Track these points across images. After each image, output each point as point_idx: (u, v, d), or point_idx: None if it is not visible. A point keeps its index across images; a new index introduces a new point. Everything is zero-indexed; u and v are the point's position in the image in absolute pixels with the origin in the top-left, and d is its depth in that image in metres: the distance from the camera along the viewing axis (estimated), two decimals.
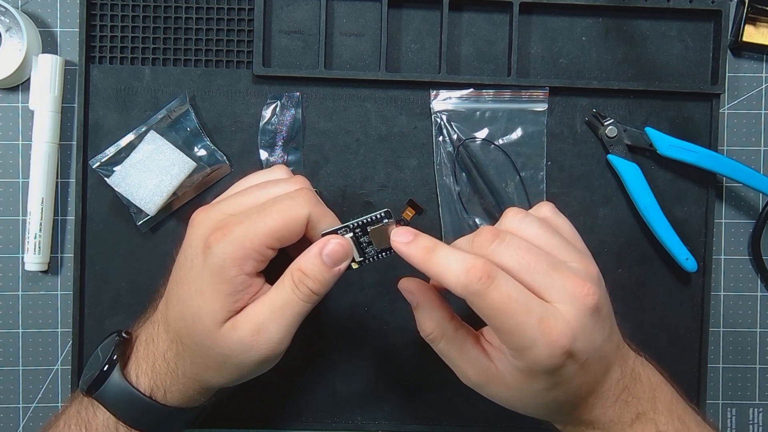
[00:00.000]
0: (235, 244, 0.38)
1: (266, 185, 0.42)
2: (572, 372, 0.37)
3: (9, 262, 0.53)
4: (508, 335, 0.36)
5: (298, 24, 0.53)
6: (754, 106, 0.56)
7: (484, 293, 0.35)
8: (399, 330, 0.53)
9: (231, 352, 0.39)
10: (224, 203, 0.41)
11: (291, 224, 0.39)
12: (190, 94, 0.52)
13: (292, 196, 0.40)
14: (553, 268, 0.37)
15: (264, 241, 0.38)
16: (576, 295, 0.37)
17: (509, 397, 0.40)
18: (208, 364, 0.40)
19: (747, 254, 0.56)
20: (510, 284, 0.36)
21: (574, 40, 0.54)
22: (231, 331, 0.39)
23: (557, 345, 0.36)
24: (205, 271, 0.38)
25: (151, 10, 0.52)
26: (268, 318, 0.39)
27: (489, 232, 0.38)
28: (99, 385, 0.41)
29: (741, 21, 0.54)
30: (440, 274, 0.37)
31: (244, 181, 0.44)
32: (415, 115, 0.53)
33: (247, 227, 0.38)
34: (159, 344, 0.42)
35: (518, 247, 0.37)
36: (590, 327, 0.37)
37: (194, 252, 0.39)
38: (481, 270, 0.35)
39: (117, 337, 0.43)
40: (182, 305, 0.40)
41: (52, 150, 0.52)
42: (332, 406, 0.53)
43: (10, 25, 0.52)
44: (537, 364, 0.37)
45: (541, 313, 0.36)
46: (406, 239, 0.38)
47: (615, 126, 0.53)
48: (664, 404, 0.41)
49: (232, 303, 0.39)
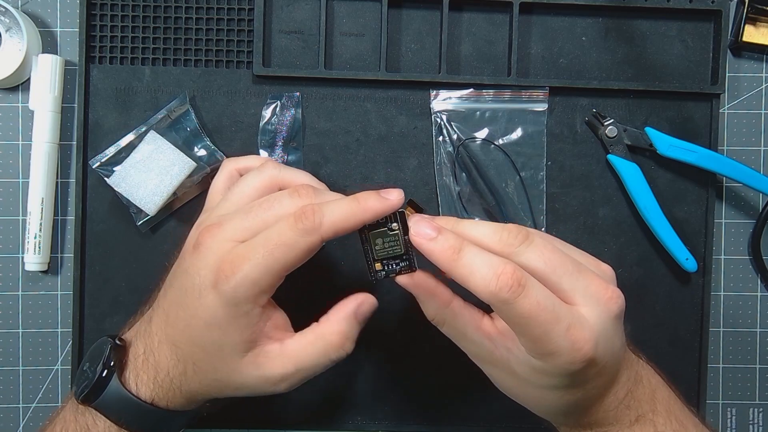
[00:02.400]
0: (247, 283, 0.37)
1: (272, 204, 0.39)
2: (589, 376, 0.37)
3: (9, 262, 0.53)
4: (534, 343, 0.36)
5: (298, 24, 0.53)
6: (754, 106, 0.56)
7: (514, 302, 0.34)
8: (399, 330, 0.53)
9: (248, 383, 0.40)
10: (228, 227, 0.39)
11: (301, 255, 0.37)
12: (190, 94, 0.52)
13: (296, 224, 0.37)
14: (578, 271, 0.37)
15: (274, 277, 0.37)
16: (600, 299, 0.37)
17: (511, 385, 0.40)
18: (220, 387, 0.41)
19: (747, 254, 0.56)
20: (539, 291, 0.35)
21: (574, 40, 0.54)
22: (253, 368, 0.39)
23: (581, 353, 0.35)
24: (218, 306, 0.38)
25: (151, 10, 0.52)
26: (291, 374, 0.39)
27: (518, 230, 0.37)
28: (97, 393, 0.40)
29: (741, 21, 0.54)
30: (467, 278, 0.35)
31: (238, 188, 0.42)
32: (415, 115, 0.53)
33: (256, 265, 0.37)
34: (161, 360, 0.41)
35: (545, 248, 0.37)
36: (611, 332, 0.37)
37: (202, 282, 0.38)
38: (511, 277, 0.34)
39: (111, 343, 0.42)
40: (195, 334, 0.39)
41: (52, 150, 0.52)
42: (332, 406, 0.53)
43: (10, 25, 0.52)
44: (556, 368, 0.36)
45: (569, 321, 0.35)
46: (430, 235, 0.37)
47: (615, 126, 0.53)
48: (662, 405, 0.41)
49: (250, 334, 0.39)
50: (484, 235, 0.37)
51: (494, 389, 0.42)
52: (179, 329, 0.40)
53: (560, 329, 0.35)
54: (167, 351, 0.41)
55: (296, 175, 0.43)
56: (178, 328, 0.40)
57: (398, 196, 0.38)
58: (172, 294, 0.41)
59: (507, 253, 0.36)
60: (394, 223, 0.38)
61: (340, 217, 0.37)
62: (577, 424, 0.41)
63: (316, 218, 0.37)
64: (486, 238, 0.37)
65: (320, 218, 0.37)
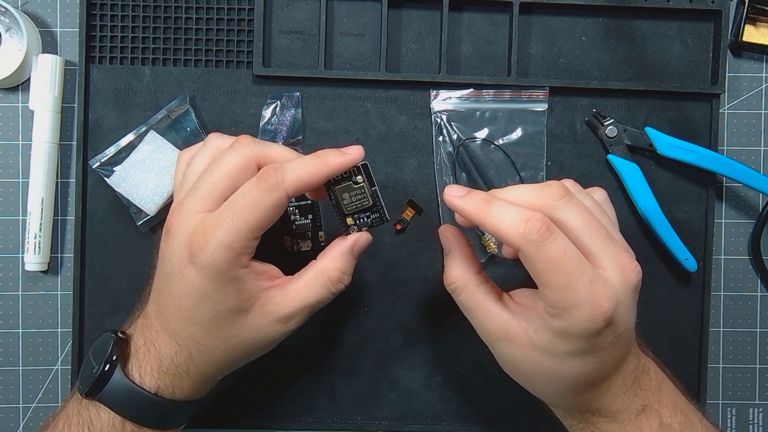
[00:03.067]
0: (221, 248, 0.37)
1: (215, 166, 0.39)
2: (606, 342, 0.38)
3: (9, 262, 0.53)
4: (557, 292, 0.36)
5: (298, 24, 0.53)
6: (754, 106, 0.56)
7: (542, 244, 0.35)
8: (399, 330, 0.53)
9: (259, 334, 0.41)
10: (189, 201, 0.39)
11: (270, 212, 0.38)
12: (190, 94, 0.52)
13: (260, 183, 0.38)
14: (610, 239, 0.38)
15: (248, 238, 0.38)
16: (624, 268, 0.38)
17: (523, 362, 0.40)
18: (234, 355, 0.41)
19: (747, 254, 0.56)
20: (566, 241, 0.36)
21: (574, 40, 0.54)
22: (261, 318, 0.40)
23: (602, 309, 0.36)
24: (202, 279, 0.38)
25: (151, 10, 0.52)
26: (299, 310, 0.41)
27: (560, 186, 0.38)
28: (101, 386, 0.41)
29: (741, 21, 0.54)
30: (496, 224, 0.37)
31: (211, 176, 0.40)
32: (415, 115, 0.53)
33: (227, 229, 0.37)
34: (162, 349, 0.41)
35: (584, 208, 0.38)
36: (629, 302, 0.38)
37: (180, 261, 0.39)
38: (540, 221, 0.36)
39: (114, 337, 0.42)
40: (189, 313, 0.40)
41: (52, 150, 0.52)
42: (332, 406, 0.53)
43: (10, 25, 0.52)
44: (577, 325, 0.36)
45: (592, 275, 0.36)
46: (460, 193, 0.39)
47: (615, 126, 0.53)
48: (668, 398, 0.42)
49: (245, 293, 0.39)
50: (522, 194, 0.38)
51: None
52: (171, 315, 0.41)
53: (584, 281, 0.36)
54: (166, 340, 0.41)
55: (274, 149, 0.41)
56: (171, 314, 0.41)
57: (358, 150, 0.40)
58: (157, 283, 0.42)
59: (548, 206, 0.37)
60: (359, 176, 0.41)
61: (303, 173, 0.38)
62: (585, 409, 0.41)
63: (278, 175, 0.38)
64: (525, 197, 0.38)
65: (282, 174, 0.38)
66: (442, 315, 0.53)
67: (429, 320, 0.53)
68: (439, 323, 0.53)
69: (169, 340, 0.41)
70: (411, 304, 0.53)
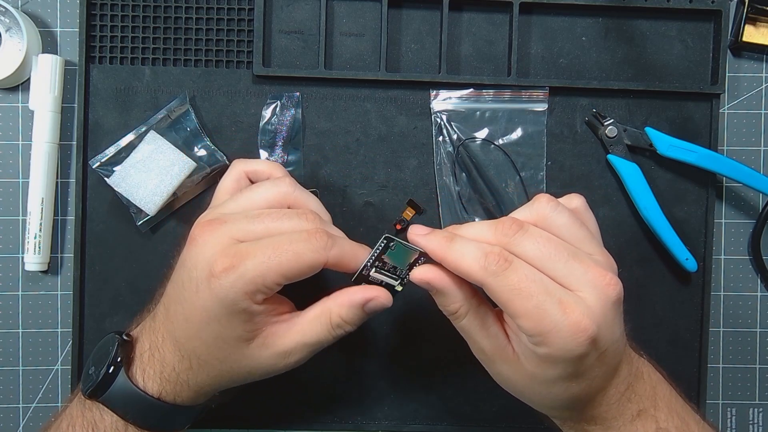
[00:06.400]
0: (246, 279, 0.37)
1: (280, 217, 0.40)
2: (592, 362, 0.37)
3: (9, 262, 0.53)
4: (529, 318, 0.36)
5: (298, 24, 0.53)
6: (754, 106, 0.56)
7: (503, 274, 0.36)
8: (399, 330, 0.53)
9: (258, 366, 0.41)
10: (232, 226, 0.39)
11: (305, 269, 0.38)
12: (190, 94, 0.52)
13: (310, 239, 0.39)
14: (574, 258, 0.37)
15: (275, 280, 0.38)
16: (597, 284, 0.37)
17: (518, 382, 0.40)
18: (231, 376, 0.41)
19: (747, 254, 0.56)
20: (527, 268, 0.36)
21: (574, 40, 0.54)
22: (261, 349, 0.40)
23: (581, 327, 0.35)
24: (214, 301, 0.38)
25: (151, 10, 0.52)
26: (299, 347, 0.41)
27: (512, 222, 0.38)
28: (104, 388, 0.41)
29: (741, 21, 0.54)
30: (459, 260, 0.37)
31: (249, 193, 0.42)
32: (415, 115, 0.53)
33: (260, 264, 0.37)
34: (166, 355, 0.41)
35: (539, 237, 0.38)
36: (611, 317, 0.37)
37: (199, 276, 0.38)
38: (498, 254, 0.36)
39: (118, 339, 0.42)
40: (195, 327, 0.40)
41: (52, 150, 0.52)
42: (332, 406, 0.53)
43: (10, 25, 0.52)
44: (561, 350, 0.36)
45: (560, 295, 0.36)
46: (423, 232, 0.39)
47: (615, 126, 0.53)
48: (663, 401, 0.41)
49: (252, 326, 0.39)
50: (479, 232, 0.39)
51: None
52: (179, 324, 0.40)
53: (552, 302, 0.36)
54: (171, 347, 0.41)
55: (308, 198, 0.43)
56: (178, 324, 0.40)
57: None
58: (171, 289, 0.41)
59: (503, 243, 0.38)
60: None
61: (347, 253, 0.40)
62: (580, 419, 0.41)
63: (328, 242, 0.39)
64: (482, 234, 0.39)
65: (332, 244, 0.39)
66: (441, 315, 0.53)
67: (429, 320, 0.53)
68: (439, 323, 0.53)
69: (173, 348, 0.41)
70: (411, 304, 0.53)
